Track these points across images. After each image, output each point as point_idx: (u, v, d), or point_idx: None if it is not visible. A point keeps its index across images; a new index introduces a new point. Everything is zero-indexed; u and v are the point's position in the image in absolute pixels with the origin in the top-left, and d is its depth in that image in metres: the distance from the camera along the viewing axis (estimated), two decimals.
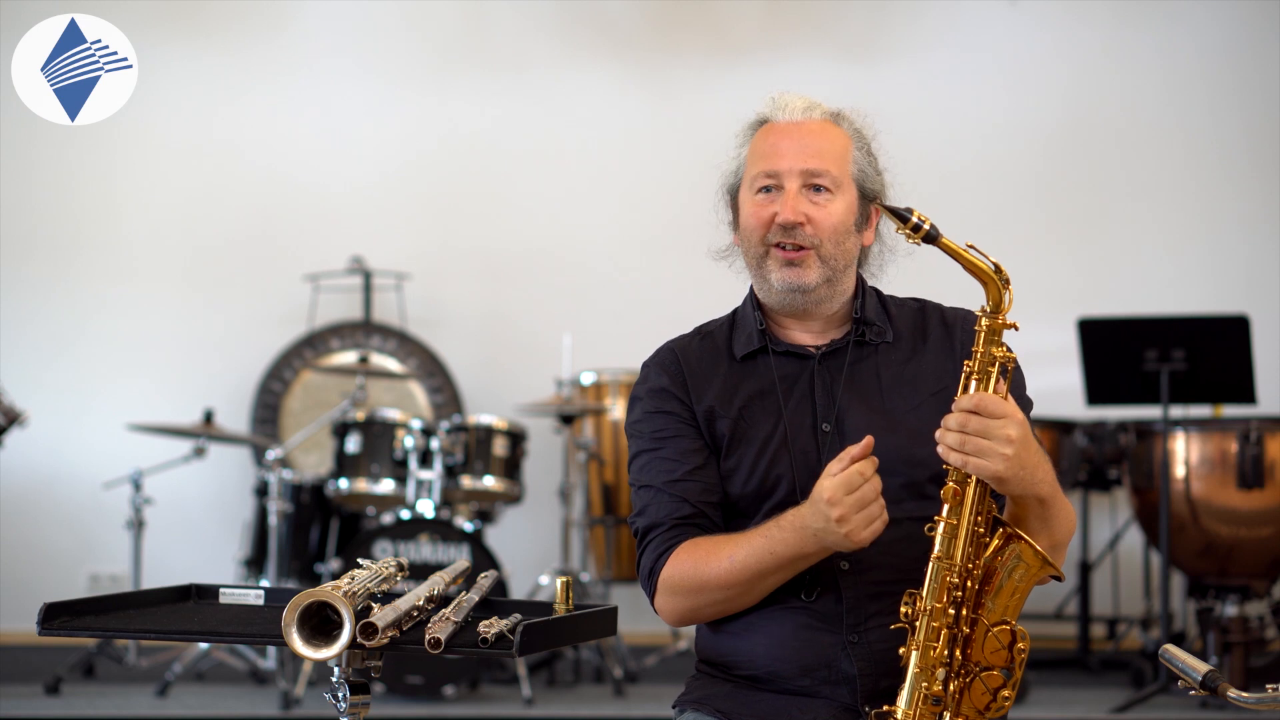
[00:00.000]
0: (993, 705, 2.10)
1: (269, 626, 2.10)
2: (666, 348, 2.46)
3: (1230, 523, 5.57)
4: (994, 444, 2.06)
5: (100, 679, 5.77)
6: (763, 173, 2.36)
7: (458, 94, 7.41)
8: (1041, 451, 2.15)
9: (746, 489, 2.32)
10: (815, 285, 2.35)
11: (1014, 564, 2.11)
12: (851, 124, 2.41)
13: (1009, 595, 2.11)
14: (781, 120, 2.39)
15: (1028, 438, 2.09)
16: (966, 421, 2.07)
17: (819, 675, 2.26)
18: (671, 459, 2.35)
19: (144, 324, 7.22)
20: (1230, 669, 5.40)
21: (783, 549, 2.19)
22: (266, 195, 7.31)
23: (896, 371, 2.37)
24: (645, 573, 2.33)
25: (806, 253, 2.34)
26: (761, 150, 2.38)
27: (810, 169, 2.34)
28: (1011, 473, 2.07)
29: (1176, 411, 5.75)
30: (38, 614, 2.05)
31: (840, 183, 2.35)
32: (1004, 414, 2.07)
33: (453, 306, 7.35)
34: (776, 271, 2.35)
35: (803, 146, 2.35)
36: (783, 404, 2.34)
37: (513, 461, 5.77)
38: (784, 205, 2.33)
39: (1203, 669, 2.01)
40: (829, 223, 2.34)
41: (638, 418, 2.42)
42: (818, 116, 2.39)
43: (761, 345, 2.39)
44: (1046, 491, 2.14)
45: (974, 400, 2.09)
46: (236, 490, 6.90)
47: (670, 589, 2.30)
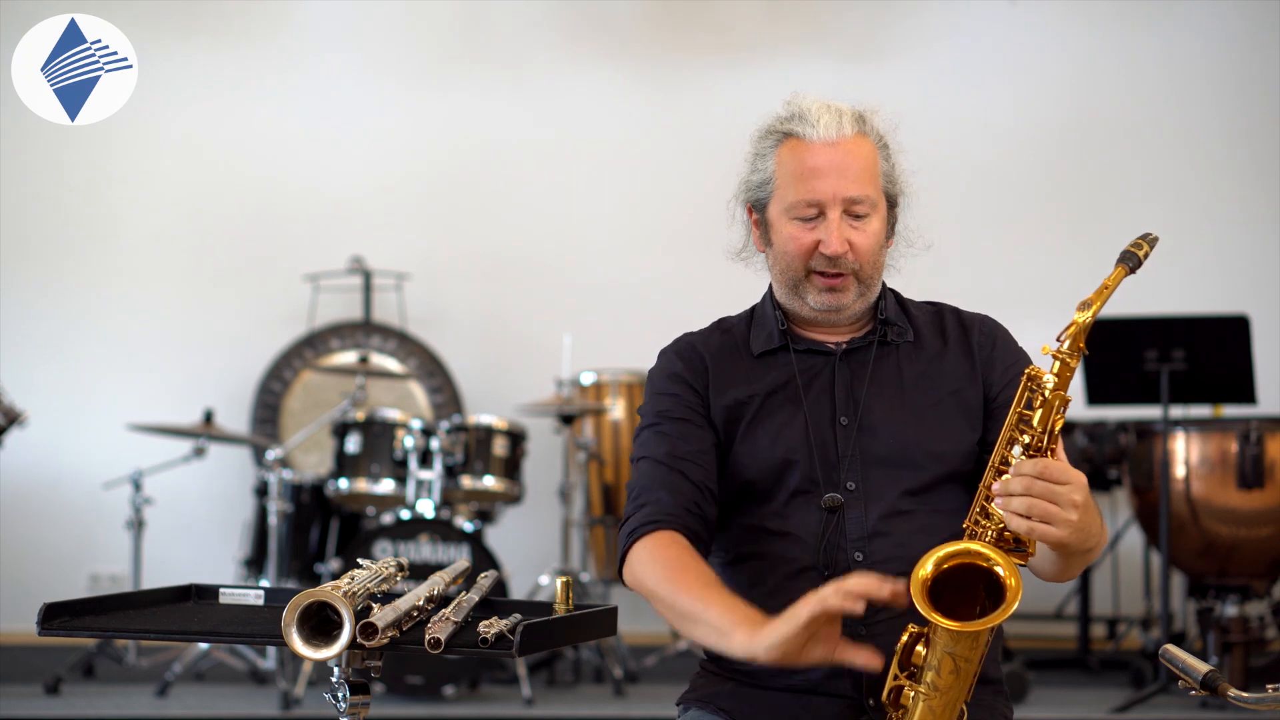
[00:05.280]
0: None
1: (269, 626, 2.10)
2: (687, 339, 2.45)
3: (1230, 523, 5.57)
4: (1061, 510, 2.01)
5: (100, 679, 5.77)
6: (804, 201, 2.32)
7: (458, 94, 7.41)
8: (1095, 505, 2.12)
9: (762, 472, 2.32)
10: (851, 304, 2.35)
11: (943, 653, 2.07)
12: (874, 128, 2.38)
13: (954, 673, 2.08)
14: (814, 140, 2.33)
15: (1090, 501, 2.06)
16: (1031, 486, 2.02)
17: (823, 670, 2.24)
18: (674, 436, 2.34)
19: (144, 324, 7.22)
20: (1230, 669, 5.40)
21: (715, 615, 2.13)
22: (267, 195, 7.31)
23: (918, 369, 2.37)
24: (625, 533, 2.30)
25: (847, 278, 2.34)
26: (798, 173, 2.33)
27: (852, 196, 2.31)
28: (1075, 539, 2.05)
29: (1176, 411, 5.75)
30: (38, 614, 2.05)
31: (876, 202, 2.34)
32: (1069, 480, 2.03)
33: (453, 307, 7.35)
34: (815, 295, 2.35)
35: (842, 172, 2.31)
36: (804, 396, 2.35)
37: (513, 461, 5.77)
38: (829, 236, 2.31)
39: (1203, 669, 2.01)
40: (868, 246, 2.33)
41: (647, 400, 2.42)
42: (849, 132, 2.34)
43: (782, 344, 2.39)
44: (1092, 544, 2.12)
45: (1038, 467, 2.03)
46: (236, 490, 6.90)
47: (635, 575, 2.28)
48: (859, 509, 2.29)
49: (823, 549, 2.28)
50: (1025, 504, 2.02)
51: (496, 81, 7.41)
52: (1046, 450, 2.08)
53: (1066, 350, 2.07)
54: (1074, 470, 2.05)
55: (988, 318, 2.44)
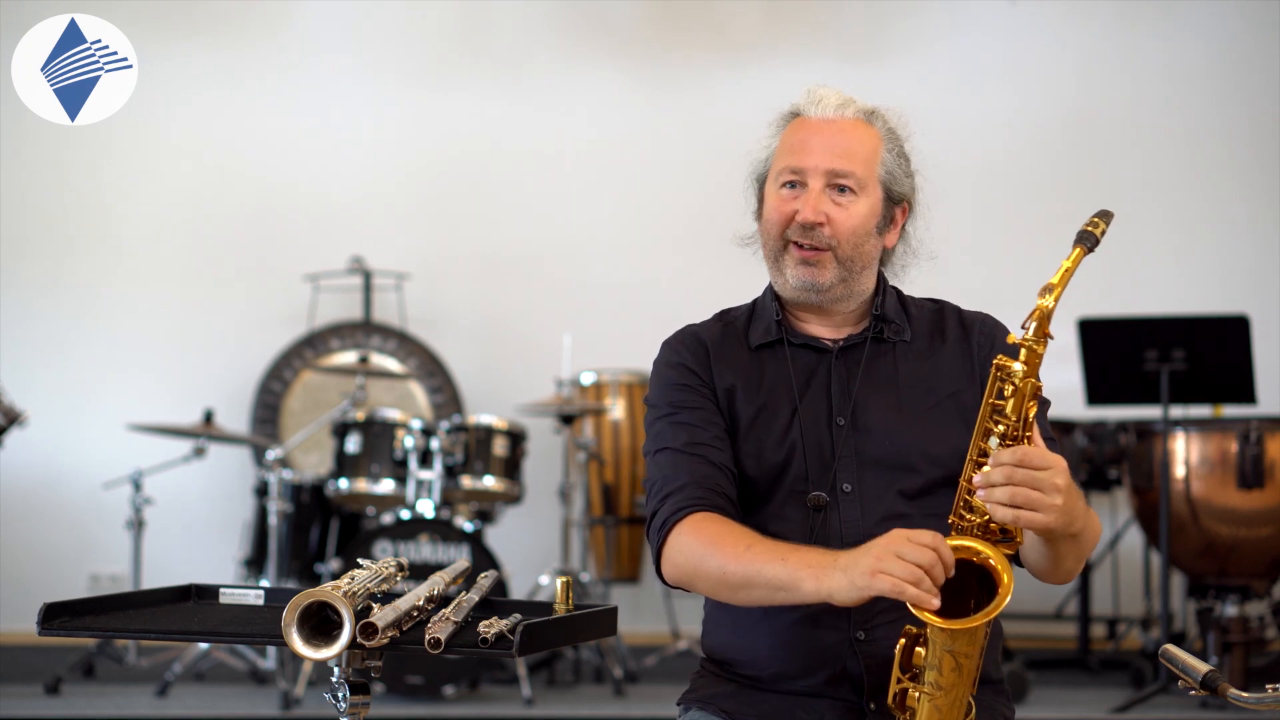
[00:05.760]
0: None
1: (269, 626, 2.10)
2: (690, 330, 2.45)
3: (1230, 523, 5.57)
4: (1045, 495, 2.02)
5: (100, 679, 5.77)
6: (788, 168, 2.35)
7: (458, 94, 7.41)
8: (1077, 488, 2.12)
9: (761, 472, 2.31)
10: (830, 285, 2.34)
11: (942, 651, 2.08)
12: (885, 123, 2.39)
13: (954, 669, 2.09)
14: (813, 116, 2.37)
15: (1072, 483, 2.07)
16: (1013, 475, 2.03)
17: (824, 674, 2.25)
18: (692, 425, 2.33)
19: (144, 324, 7.22)
20: (1230, 669, 5.40)
21: (796, 559, 2.12)
22: (267, 195, 7.32)
23: (914, 370, 2.36)
24: (656, 527, 2.29)
25: (823, 254, 2.33)
26: (790, 144, 2.37)
27: (835, 169, 2.33)
28: (1061, 522, 2.05)
29: (1176, 411, 5.75)
30: (38, 614, 2.05)
31: (865, 184, 2.34)
32: (1049, 464, 2.03)
33: (453, 307, 7.35)
34: (792, 268, 2.35)
35: (830, 145, 2.34)
36: (798, 396, 2.34)
37: (513, 461, 5.77)
38: (805, 204, 2.32)
39: (1203, 669, 2.01)
40: (848, 225, 2.33)
41: (657, 390, 2.40)
42: (850, 115, 2.37)
43: (779, 337, 2.39)
44: (1080, 526, 2.12)
45: (1017, 455, 2.04)
46: (236, 490, 6.90)
47: (675, 564, 2.26)
48: (854, 511, 2.28)
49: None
50: (1008, 493, 2.03)
51: (496, 82, 7.42)
52: (1022, 438, 2.07)
53: (1032, 337, 2.06)
54: (1053, 454, 2.06)
55: (989, 317, 2.43)
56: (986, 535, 2.09)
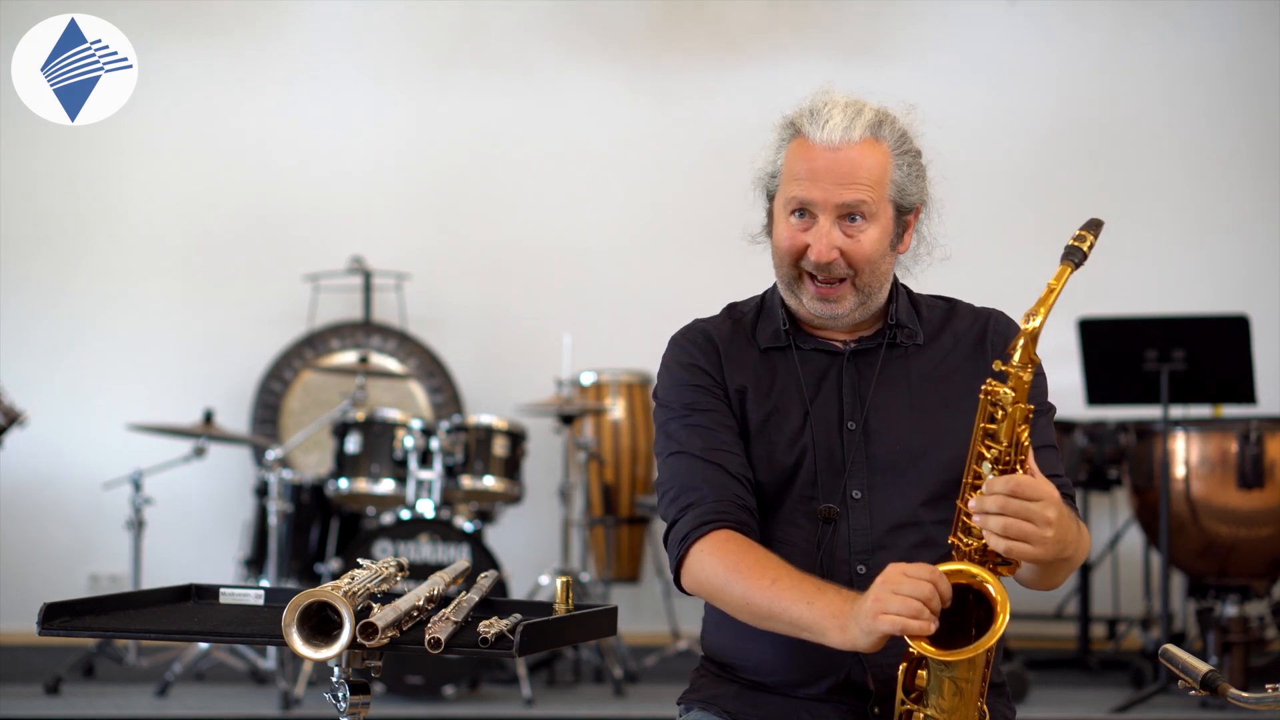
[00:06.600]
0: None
1: (269, 626, 2.10)
2: (699, 326, 2.41)
3: (1230, 523, 5.57)
4: (1037, 529, 2.02)
5: (100, 679, 5.77)
6: (796, 198, 2.29)
7: (457, 94, 7.41)
8: (1070, 514, 2.11)
9: (771, 477, 2.29)
10: (849, 312, 2.32)
11: (941, 677, 2.08)
12: (894, 129, 2.33)
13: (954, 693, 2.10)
14: (818, 142, 2.28)
15: (1064, 513, 2.06)
16: (1006, 505, 2.02)
17: (827, 683, 2.25)
18: (707, 428, 2.31)
19: (144, 324, 7.22)
20: (1230, 669, 5.40)
21: (821, 605, 2.11)
22: (266, 195, 7.31)
23: (926, 373, 2.34)
24: (678, 539, 2.27)
25: (841, 285, 2.30)
26: (796, 171, 2.30)
27: (845, 201, 2.27)
28: (1052, 554, 2.05)
29: (1176, 411, 5.75)
30: (38, 614, 2.05)
31: (876, 210, 2.28)
32: (1041, 496, 2.03)
33: (453, 306, 7.35)
34: (809, 300, 2.31)
35: (839, 176, 2.26)
36: (808, 400, 2.32)
37: (513, 461, 5.77)
38: (817, 242, 2.27)
39: (1203, 669, 2.01)
40: (863, 253, 2.28)
41: (669, 389, 2.36)
42: (858, 137, 2.28)
43: (787, 344, 2.36)
44: (1071, 551, 2.12)
45: (1010, 485, 2.03)
46: (236, 490, 6.90)
47: (697, 579, 2.25)
48: (864, 519, 2.27)
49: (820, 561, 2.25)
50: (1001, 524, 2.02)
51: (496, 82, 7.41)
52: (1015, 463, 2.06)
53: (1017, 364, 2.05)
54: (1045, 484, 2.05)
55: (1002, 314, 2.39)
56: (985, 558, 2.09)
